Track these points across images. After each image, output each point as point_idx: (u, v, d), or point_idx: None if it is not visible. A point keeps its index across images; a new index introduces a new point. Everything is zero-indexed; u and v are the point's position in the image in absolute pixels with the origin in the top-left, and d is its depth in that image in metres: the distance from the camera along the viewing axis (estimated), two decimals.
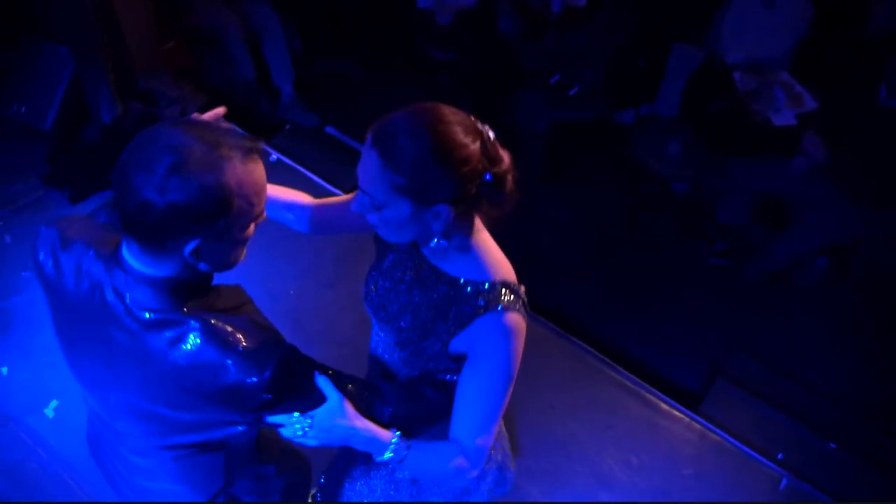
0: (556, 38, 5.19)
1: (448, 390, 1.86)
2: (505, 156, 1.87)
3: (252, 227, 1.69)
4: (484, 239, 1.95)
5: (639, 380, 3.71)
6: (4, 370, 3.61)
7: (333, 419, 1.72)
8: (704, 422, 3.58)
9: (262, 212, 1.70)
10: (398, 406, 1.86)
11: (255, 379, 1.58)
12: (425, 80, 5.50)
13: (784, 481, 3.41)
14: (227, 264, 1.70)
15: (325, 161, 4.63)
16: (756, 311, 4.42)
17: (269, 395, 1.59)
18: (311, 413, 1.71)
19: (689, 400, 3.77)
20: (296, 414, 1.70)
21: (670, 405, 3.63)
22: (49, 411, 3.47)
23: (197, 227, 1.61)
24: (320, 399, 1.72)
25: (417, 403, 1.92)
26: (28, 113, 4.50)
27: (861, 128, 4.24)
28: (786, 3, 4.78)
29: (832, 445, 3.66)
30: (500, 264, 1.94)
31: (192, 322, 1.60)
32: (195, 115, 1.99)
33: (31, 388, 3.55)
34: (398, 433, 1.80)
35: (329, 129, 5.18)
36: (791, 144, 4.45)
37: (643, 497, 3.32)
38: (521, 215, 1.98)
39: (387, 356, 2.15)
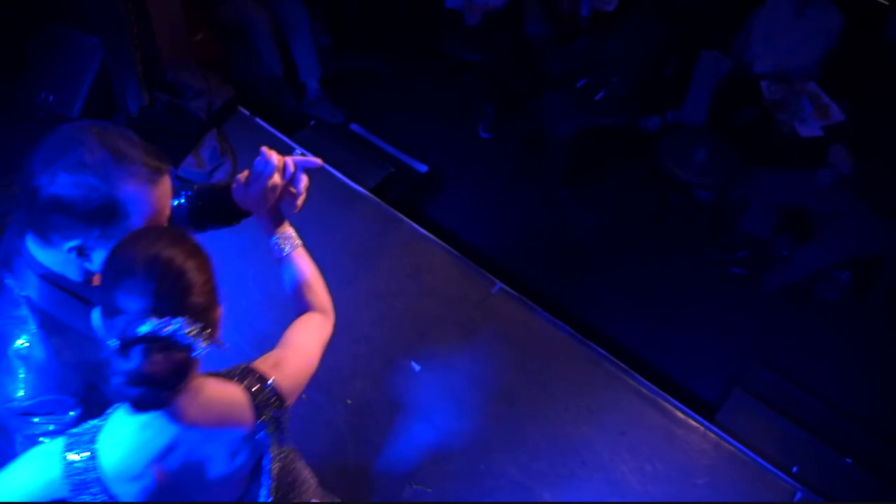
0: (583, 42, 5.19)
1: None
2: None
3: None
4: None
5: (655, 387, 3.69)
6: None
7: None
8: (720, 432, 3.56)
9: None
10: None
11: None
12: (452, 81, 5.51)
13: (798, 495, 3.39)
14: None
15: (348, 158, 4.65)
16: (776, 323, 4.40)
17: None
18: None
19: (705, 409, 3.75)
20: None
21: (686, 414, 3.61)
22: None
23: (75, 227, 1.64)
24: None
25: None
26: (56, 101, 4.53)
27: (888, 141, 4.21)
28: (815, 13, 4.75)
29: (848, 461, 3.63)
30: None
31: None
32: (295, 157, 2.12)
33: None
34: None
35: (353, 127, 5.19)
36: (817, 156, 4.42)
37: None
38: (544, 219, 1.97)
39: None
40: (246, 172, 2.11)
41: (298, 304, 2.10)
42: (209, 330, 1.56)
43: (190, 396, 1.64)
